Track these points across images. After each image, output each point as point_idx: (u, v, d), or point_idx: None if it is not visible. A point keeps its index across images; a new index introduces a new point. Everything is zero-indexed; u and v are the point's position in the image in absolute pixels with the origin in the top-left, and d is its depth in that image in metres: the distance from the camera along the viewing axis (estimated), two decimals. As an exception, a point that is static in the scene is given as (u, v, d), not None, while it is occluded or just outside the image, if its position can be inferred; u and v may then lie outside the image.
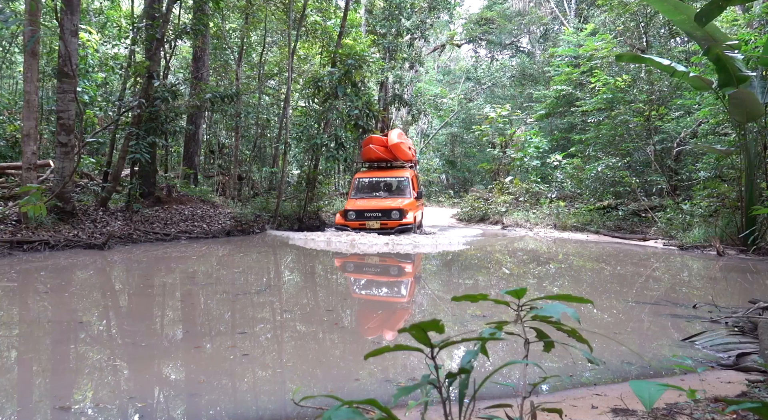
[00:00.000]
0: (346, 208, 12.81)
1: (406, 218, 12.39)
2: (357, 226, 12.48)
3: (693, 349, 4.00)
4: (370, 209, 12.56)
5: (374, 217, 12.45)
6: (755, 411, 1.10)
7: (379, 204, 12.80)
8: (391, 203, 12.78)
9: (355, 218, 12.58)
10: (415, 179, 14.39)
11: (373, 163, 14.85)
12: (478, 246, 12.37)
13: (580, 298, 1.47)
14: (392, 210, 12.48)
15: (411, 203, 13.06)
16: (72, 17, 10.26)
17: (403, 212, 12.44)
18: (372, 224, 12.39)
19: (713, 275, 8.36)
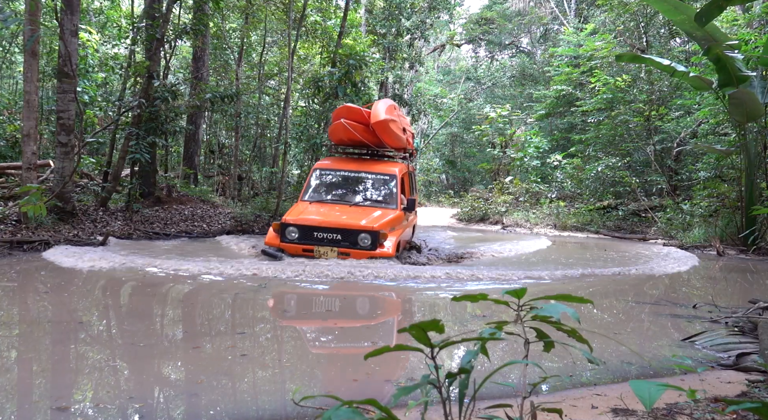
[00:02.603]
0: (286, 220, 7.61)
1: (384, 247, 7.38)
2: (300, 253, 7.45)
3: (693, 349, 4.00)
4: (323, 226, 7.49)
5: (329, 240, 7.43)
6: (755, 411, 1.10)
7: (341, 220, 7.67)
8: (360, 219, 7.62)
9: (299, 239, 7.48)
10: (408, 178, 9.37)
11: (347, 149, 9.90)
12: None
13: (580, 298, 1.47)
14: (360, 232, 7.35)
15: (394, 219, 7.99)
16: (72, 17, 10.26)
17: (378, 237, 7.34)
18: (324, 252, 7.34)
19: (713, 275, 8.36)
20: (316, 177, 8.97)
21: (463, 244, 11.80)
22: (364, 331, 4.91)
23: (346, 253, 7.26)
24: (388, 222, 7.71)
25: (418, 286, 6.60)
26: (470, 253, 9.68)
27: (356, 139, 9.05)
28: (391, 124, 8.76)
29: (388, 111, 8.88)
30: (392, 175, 8.74)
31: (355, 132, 8.89)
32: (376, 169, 8.88)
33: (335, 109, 9.43)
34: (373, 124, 8.68)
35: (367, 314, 5.74)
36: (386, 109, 8.88)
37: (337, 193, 8.82)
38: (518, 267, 8.29)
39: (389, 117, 8.74)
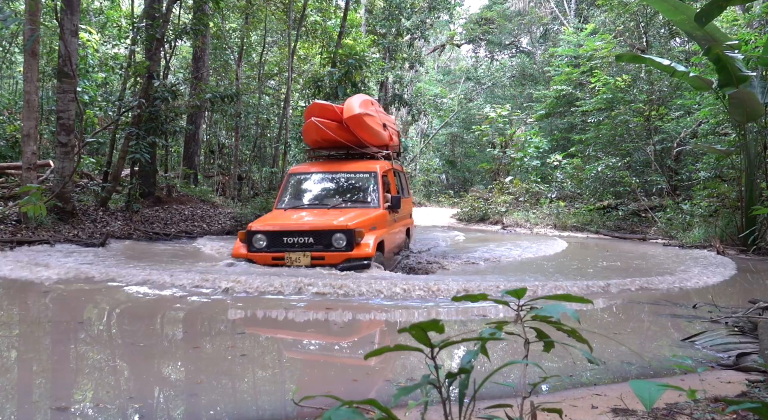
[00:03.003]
0: (252, 228, 6.85)
1: (360, 247, 6.62)
2: (270, 262, 6.70)
3: (693, 349, 4.00)
4: (293, 230, 6.72)
5: (301, 245, 6.63)
6: (755, 411, 1.10)
7: (312, 221, 6.95)
8: (333, 219, 6.88)
9: (267, 246, 6.72)
10: (393, 177, 8.54)
11: (322, 152, 8.94)
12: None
13: (580, 298, 1.47)
14: (333, 232, 6.59)
15: (376, 218, 7.21)
16: (72, 17, 10.26)
17: (354, 236, 6.57)
18: (297, 259, 6.59)
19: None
20: (290, 183, 8.20)
21: (465, 247, 11.25)
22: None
23: (320, 258, 6.48)
24: (367, 221, 6.85)
25: (411, 306, 5.42)
26: (473, 259, 8.93)
27: (331, 138, 8.16)
28: (367, 118, 7.94)
29: (363, 105, 8.11)
30: (372, 172, 7.87)
31: (329, 131, 8.05)
32: (354, 168, 8.08)
33: (306, 108, 8.79)
34: (347, 119, 7.89)
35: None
36: (360, 103, 8.11)
37: (314, 197, 8.06)
38: (531, 276, 7.32)
39: (364, 111, 7.94)
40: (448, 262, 8.63)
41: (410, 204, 9.82)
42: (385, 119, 9.09)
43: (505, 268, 8.37)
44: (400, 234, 8.50)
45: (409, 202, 9.63)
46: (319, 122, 8.02)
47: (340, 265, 6.46)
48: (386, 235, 7.36)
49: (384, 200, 7.60)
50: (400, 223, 8.54)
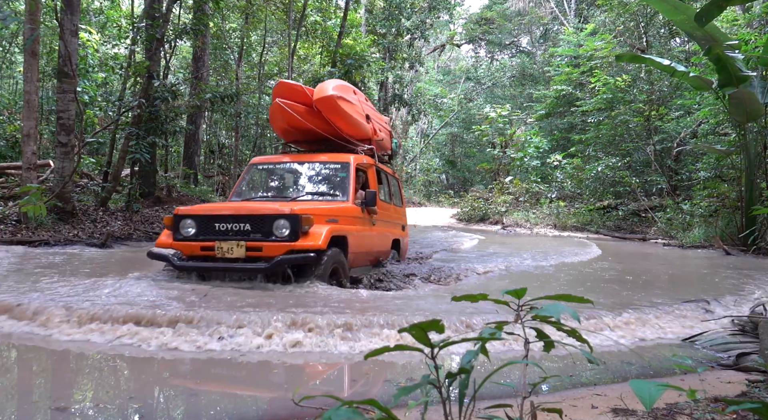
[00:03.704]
0: (179, 211, 5.58)
1: (308, 237, 5.23)
2: (198, 252, 5.42)
3: (693, 349, 4.00)
4: (227, 214, 5.45)
5: (236, 232, 5.38)
6: (755, 411, 1.10)
7: (251, 205, 5.77)
8: (278, 205, 5.54)
9: (196, 234, 5.44)
10: (373, 175, 7.12)
11: (294, 146, 7.81)
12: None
13: (580, 298, 1.47)
14: (275, 218, 5.27)
15: (338, 212, 5.93)
16: (72, 17, 10.26)
17: (299, 223, 5.20)
18: (229, 249, 5.29)
19: (713, 274, 8.35)
20: (250, 173, 7.09)
21: (468, 254, 9.91)
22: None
23: (256, 249, 5.10)
24: (324, 210, 5.56)
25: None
26: (478, 271, 7.41)
27: (300, 125, 6.96)
28: (342, 103, 6.79)
29: (340, 89, 7.01)
30: (344, 163, 6.54)
31: (298, 115, 6.85)
32: (324, 159, 6.83)
33: (273, 89, 7.43)
34: (316, 101, 6.73)
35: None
36: (336, 85, 7.02)
37: (274, 190, 6.94)
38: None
39: (338, 94, 6.80)
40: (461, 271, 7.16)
41: (402, 214, 8.26)
42: (371, 112, 7.86)
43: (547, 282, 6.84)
44: (379, 240, 6.95)
45: (401, 213, 8.22)
46: (285, 105, 6.81)
47: (279, 258, 4.97)
48: (354, 234, 5.96)
49: (356, 195, 6.29)
50: (382, 229, 7.04)
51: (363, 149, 7.17)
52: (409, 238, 8.75)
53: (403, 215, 8.35)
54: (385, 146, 8.22)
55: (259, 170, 7.18)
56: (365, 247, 6.44)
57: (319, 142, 7.31)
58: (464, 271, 7.26)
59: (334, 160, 6.72)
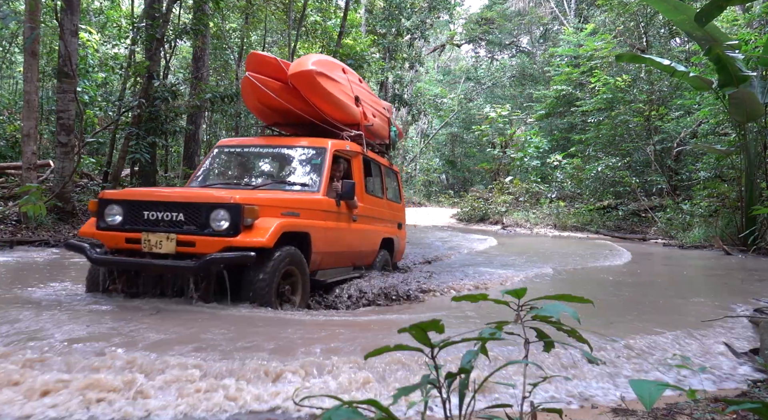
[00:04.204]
0: (104, 195, 4.67)
1: (251, 232, 4.24)
2: (123, 245, 4.44)
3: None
4: (158, 201, 4.49)
5: (166, 222, 4.41)
6: (755, 411, 1.10)
7: (187, 192, 4.78)
8: (218, 192, 4.74)
9: (123, 223, 4.49)
10: (359, 165, 6.21)
11: (272, 128, 6.94)
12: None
13: (580, 298, 1.47)
14: (211, 207, 4.30)
15: (296, 202, 4.91)
16: (72, 17, 10.26)
17: (241, 215, 4.22)
18: (157, 242, 4.32)
19: (712, 274, 8.35)
20: (213, 158, 6.13)
21: (471, 260, 8.97)
22: None
23: (189, 243, 4.22)
24: (281, 202, 4.66)
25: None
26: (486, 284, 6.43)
27: (275, 104, 6.07)
28: (323, 80, 5.85)
29: (322, 64, 6.02)
30: (319, 149, 5.55)
31: (270, 92, 5.94)
32: (298, 143, 5.83)
33: (246, 60, 6.51)
34: (292, 76, 5.82)
35: None
36: (318, 60, 6.08)
37: (237, 177, 5.99)
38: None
39: (319, 70, 5.82)
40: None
41: (399, 211, 7.47)
42: (365, 95, 6.91)
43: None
44: (362, 239, 6.01)
45: (398, 210, 7.43)
46: (256, 79, 5.92)
47: (209, 256, 4.03)
48: (321, 231, 4.99)
49: (328, 185, 5.32)
50: (367, 226, 6.12)
51: (349, 135, 6.21)
52: (406, 239, 7.84)
53: (400, 212, 7.54)
54: (380, 134, 7.22)
55: (226, 154, 6.22)
56: (339, 247, 5.45)
57: (302, 125, 6.33)
58: (483, 279, 6.56)
59: (308, 144, 5.71)
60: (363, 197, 6.01)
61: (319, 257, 5.00)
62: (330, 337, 3.48)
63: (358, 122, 6.46)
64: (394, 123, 7.59)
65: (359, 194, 5.84)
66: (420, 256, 9.11)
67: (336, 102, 6.07)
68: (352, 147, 6.05)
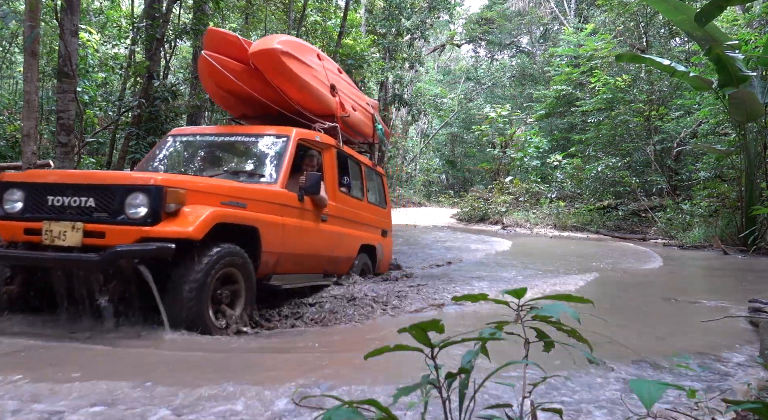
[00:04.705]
0: (3, 178, 3.83)
1: (175, 220, 3.40)
2: (22, 238, 3.53)
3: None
4: (64, 184, 3.55)
5: (73, 210, 3.44)
6: (755, 411, 1.10)
7: (98, 174, 4.20)
8: (139, 174, 4.00)
9: (22, 211, 3.56)
10: (331, 161, 5.47)
11: (239, 120, 6.43)
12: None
13: (580, 298, 1.47)
14: (127, 190, 3.40)
15: (243, 192, 4.12)
16: (72, 17, 10.26)
17: (162, 199, 3.36)
18: (60, 233, 3.34)
19: (712, 274, 8.35)
20: (163, 148, 5.35)
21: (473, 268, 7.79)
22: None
23: (98, 234, 3.39)
24: (221, 189, 3.88)
25: None
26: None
27: (236, 89, 5.33)
28: (290, 61, 5.11)
29: (291, 46, 5.29)
30: (282, 137, 4.85)
31: (230, 74, 5.20)
32: (258, 131, 5.11)
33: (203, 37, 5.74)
34: (253, 55, 5.08)
35: None
36: (287, 40, 5.35)
37: (187, 168, 5.26)
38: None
39: (284, 49, 5.07)
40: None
41: (384, 217, 6.78)
42: (343, 85, 6.19)
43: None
44: (334, 242, 5.28)
45: (383, 215, 6.74)
46: (214, 59, 5.19)
47: (118, 248, 3.21)
48: (275, 227, 4.24)
49: (289, 177, 4.59)
50: (341, 229, 5.42)
51: (322, 127, 5.46)
52: (392, 248, 7.08)
53: (385, 218, 6.79)
54: (362, 130, 6.49)
55: (178, 143, 5.44)
56: (302, 249, 4.69)
57: (273, 118, 5.53)
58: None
59: (268, 132, 5.00)
60: (336, 195, 5.32)
61: (272, 259, 4.23)
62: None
63: (334, 113, 5.75)
64: (380, 121, 6.90)
65: (331, 191, 5.21)
66: (430, 259, 8.50)
67: (306, 88, 5.35)
68: (324, 139, 5.33)
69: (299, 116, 5.46)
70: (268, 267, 4.22)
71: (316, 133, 5.29)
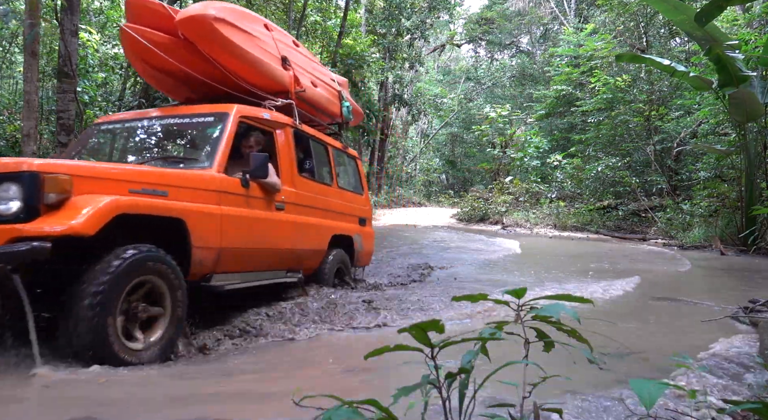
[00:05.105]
0: None
1: (60, 213, 2.69)
2: None
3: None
4: None
5: None
6: (755, 411, 1.10)
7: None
8: (6, 161, 2.81)
9: None
10: (288, 143, 4.70)
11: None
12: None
13: (580, 298, 1.47)
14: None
15: (168, 177, 3.41)
16: (72, 17, 10.26)
17: (39, 187, 2.67)
18: None
19: (712, 274, 8.35)
20: (88, 137, 5.02)
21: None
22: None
23: None
24: (126, 174, 3.20)
25: None
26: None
27: (164, 64, 4.58)
28: (225, 28, 4.40)
29: (229, 12, 4.57)
30: (219, 115, 4.17)
31: (157, 49, 4.44)
32: (193, 111, 4.41)
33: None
34: (180, 22, 4.37)
35: None
36: (222, 7, 4.58)
37: (112, 157, 4.78)
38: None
39: (218, 15, 4.38)
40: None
41: (361, 204, 6.17)
42: (297, 57, 5.36)
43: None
44: (295, 235, 4.61)
45: (360, 202, 6.11)
46: (136, 31, 4.45)
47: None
48: (215, 220, 3.61)
49: (224, 159, 3.88)
50: (302, 219, 4.74)
51: (273, 104, 4.76)
52: (374, 239, 6.45)
53: (362, 205, 6.15)
54: (326, 108, 5.73)
55: (103, 133, 4.92)
56: (251, 242, 4.06)
57: (221, 99, 4.68)
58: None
59: (205, 111, 4.33)
60: (295, 180, 4.67)
61: (209, 255, 3.55)
62: None
63: (287, 89, 5.05)
64: (348, 99, 6.12)
65: (288, 176, 4.56)
66: (433, 260, 8.00)
67: (249, 59, 4.63)
68: (276, 118, 4.63)
69: (249, 95, 4.75)
70: (204, 266, 3.53)
71: (264, 110, 4.57)
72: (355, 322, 4.02)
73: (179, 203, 3.34)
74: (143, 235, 3.09)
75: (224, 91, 4.71)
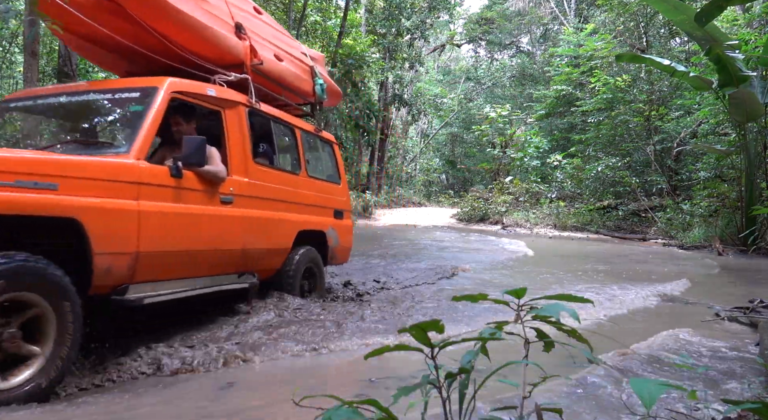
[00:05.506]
0: None
1: None
2: None
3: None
4: None
5: None
6: (755, 411, 1.10)
7: None
8: None
9: None
10: (242, 123, 3.92)
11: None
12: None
13: (580, 298, 1.47)
14: None
15: (56, 166, 2.62)
16: (72, 17, 10.26)
17: None
18: None
19: (712, 274, 8.35)
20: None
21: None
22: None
23: None
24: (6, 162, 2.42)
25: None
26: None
27: (92, 32, 3.81)
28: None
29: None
30: (144, 90, 3.43)
31: (78, 11, 3.60)
32: (116, 86, 3.66)
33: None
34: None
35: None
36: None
37: (30, 141, 4.24)
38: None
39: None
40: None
41: (338, 194, 5.39)
42: (256, 25, 4.67)
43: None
44: (245, 233, 3.90)
45: (335, 192, 5.33)
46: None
47: None
48: (129, 218, 2.94)
49: (146, 143, 3.19)
50: (259, 213, 4.06)
51: (225, 78, 4.05)
52: (352, 234, 5.63)
53: (338, 196, 5.37)
54: (292, 84, 4.94)
55: (13, 111, 4.22)
56: (183, 243, 3.35)
57: (165, 73, 3.78)
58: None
59: (129, 85, 3.61)
60: (248, 168, 3.97)
61: (120, 262, 2.88)
62: None
63: (241, 61, 4.29)
64: (322, 76, 5.34)
65: (239, 163, 3.87)
66: (435, 264, 7.64)
67: (191, 25, 3.87)
68: (224, 94, 3.89)
69: (198, 69, 4.02)
70: (113, 276, 2.85)
71: (209, 85, 3.83)
72: (294, 347, 3.27)
73: (73, 198, 2.63)
74: (31, 240, 2.53)
75: (168, 64, 3.93)
